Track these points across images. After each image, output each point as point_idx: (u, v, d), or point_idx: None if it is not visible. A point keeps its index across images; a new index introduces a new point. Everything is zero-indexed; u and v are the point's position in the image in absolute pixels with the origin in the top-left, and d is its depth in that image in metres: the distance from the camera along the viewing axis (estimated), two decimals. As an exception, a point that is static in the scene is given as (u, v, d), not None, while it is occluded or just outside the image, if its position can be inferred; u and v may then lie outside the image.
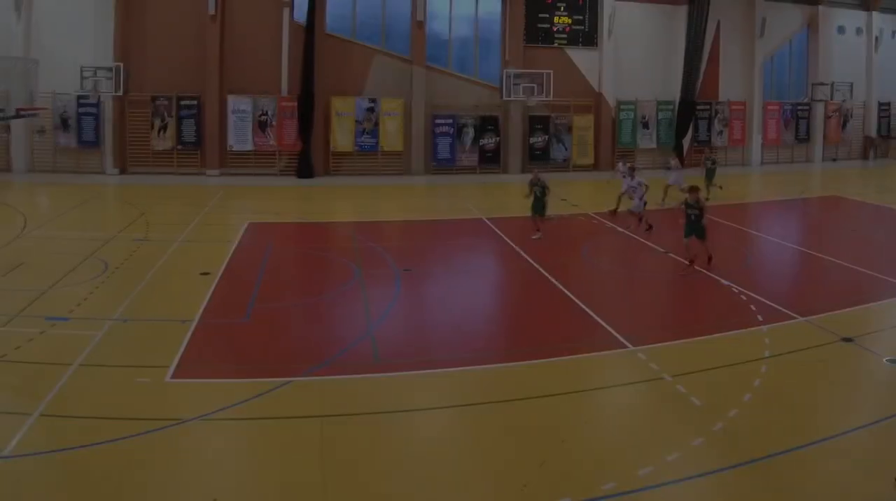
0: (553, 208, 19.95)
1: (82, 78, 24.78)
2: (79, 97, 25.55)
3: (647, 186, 17.06)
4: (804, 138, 31.42)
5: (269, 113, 26.32)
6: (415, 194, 24.55)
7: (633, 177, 17.85)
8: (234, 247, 15.46)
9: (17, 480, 6.49)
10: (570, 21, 27.78)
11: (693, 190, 13.23)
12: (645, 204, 16.96)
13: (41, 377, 8.64)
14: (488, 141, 27.39)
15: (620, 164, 20.88)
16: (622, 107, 28.20)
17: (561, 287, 12.55)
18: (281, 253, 14.84)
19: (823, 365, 9.03)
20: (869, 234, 17.32)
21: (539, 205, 16.37)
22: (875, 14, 32.49)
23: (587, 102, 28.00)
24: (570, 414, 7.81)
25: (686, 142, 28.92)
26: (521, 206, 17.12)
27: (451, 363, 9.32)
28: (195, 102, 26.10)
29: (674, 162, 22.31)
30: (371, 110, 26.65)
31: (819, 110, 31.14)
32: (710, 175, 22.18)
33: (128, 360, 9.21)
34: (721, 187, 22.14)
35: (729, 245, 16.19)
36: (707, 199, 18.61)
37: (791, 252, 13.40)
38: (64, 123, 26.03)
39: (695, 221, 12.87)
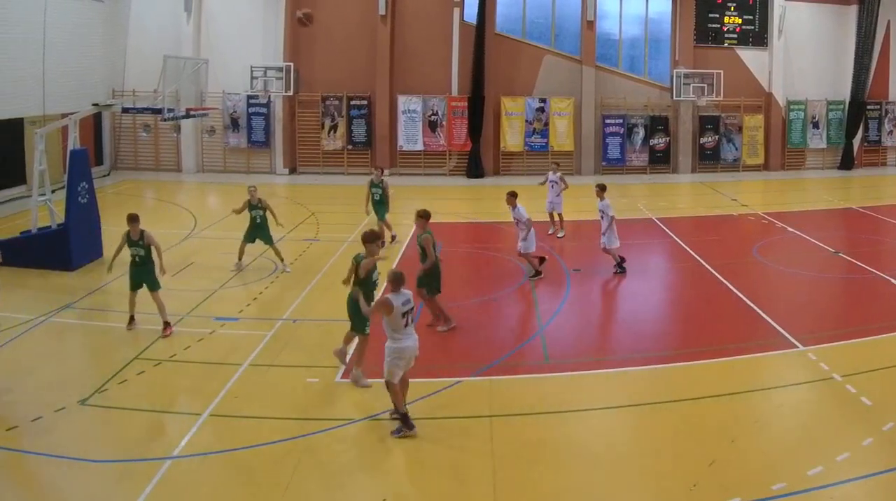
0: (723, 208, 19.53)
1: (252, 78, 24.62)
2: (248, 97, 25.52)
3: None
4: (974, 139, 30.39)
5: (439, 113, 26.07)
6: (585, 194, 23.89)
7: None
8: (403, 248, 15.38)
9: (186, 480, 6.46)
10: (740, 21, 27.30)
11: None
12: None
13: (211, 377, 8.62)
14: (658, 141, 26.84)
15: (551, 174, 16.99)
16: (792, 106, 27.55)
17: (731, 286, 12.53)
18: (451, 254, 14.51)
19: None
20: None
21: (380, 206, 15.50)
22: None
23: (757, 102, 27.38)
24: (739, 414, 7.75)
25: (856, 141, 28.20)
26: (691, 206, 16.75)
27: (621, 363, 9.33)
28: (365, 102, 25.97)
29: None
30: (541, 110, 26.26)
31: None
32: (378, 206, 15.61)
33: (297, 360, 9.19)
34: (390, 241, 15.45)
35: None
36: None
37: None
38: (234, 123, 26.07)
39: None
